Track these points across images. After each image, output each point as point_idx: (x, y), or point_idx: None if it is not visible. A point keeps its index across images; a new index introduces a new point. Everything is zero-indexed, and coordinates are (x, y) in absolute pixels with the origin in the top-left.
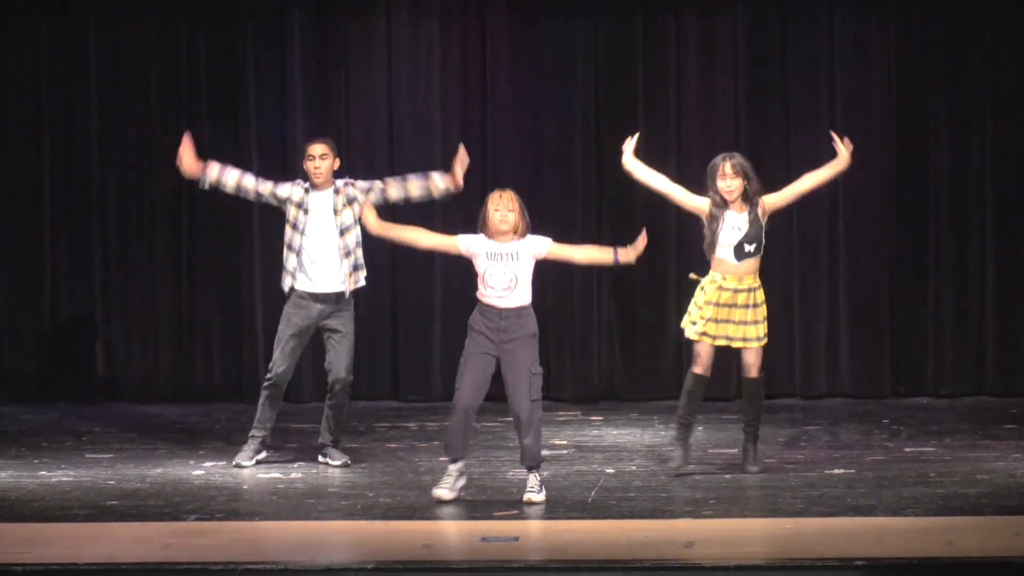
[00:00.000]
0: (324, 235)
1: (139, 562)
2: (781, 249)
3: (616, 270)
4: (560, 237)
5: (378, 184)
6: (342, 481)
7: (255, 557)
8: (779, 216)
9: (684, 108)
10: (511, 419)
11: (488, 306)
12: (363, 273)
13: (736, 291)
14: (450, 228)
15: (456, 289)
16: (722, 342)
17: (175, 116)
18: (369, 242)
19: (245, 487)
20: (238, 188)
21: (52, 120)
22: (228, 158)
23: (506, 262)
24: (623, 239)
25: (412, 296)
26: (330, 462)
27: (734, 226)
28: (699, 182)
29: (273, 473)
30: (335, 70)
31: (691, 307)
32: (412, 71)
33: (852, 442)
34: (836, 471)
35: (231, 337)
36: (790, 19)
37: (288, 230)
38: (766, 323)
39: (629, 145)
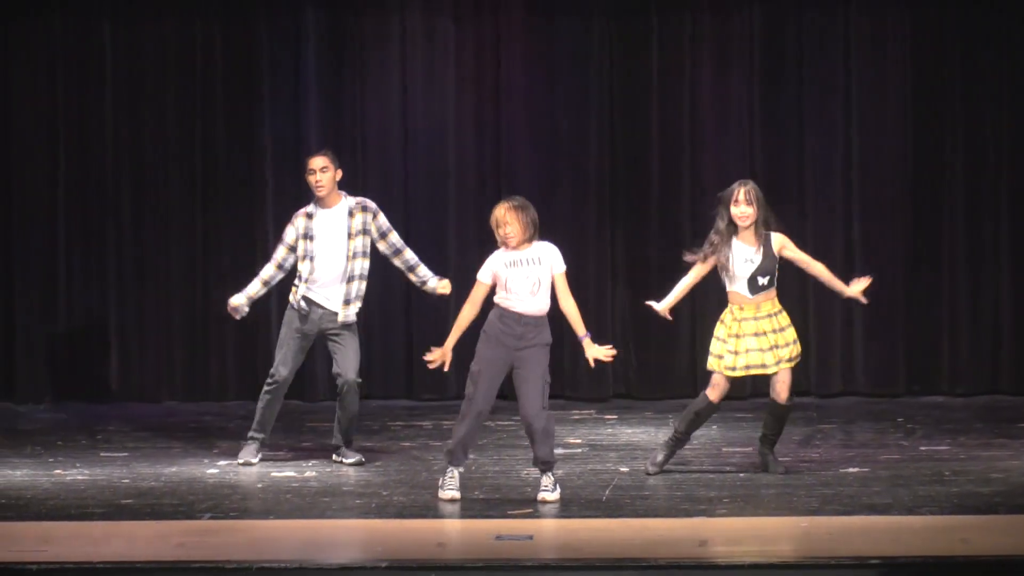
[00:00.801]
0: (333, 255)
1: (154, 560)
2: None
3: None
4: (574, 236)
5: (392, 238)
6: (356, 480)
7: (269, 556)
8: (793, 214)
9: (699, 106)
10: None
11: (508, 311)
12: (356, 307)
13: (756, 319)
14: (464, 232)
15: (470, 287)
16: (754, 371)
17: (190, 115)
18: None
19: (259, 486)
20: (270, 281)
21: (67, 119)
22: (242, 156)
23: (527, 267)
24: (636, 236)
25: (426, 295)
26: (344, 460)
27: (746, 259)
28: (711, 181)
29: (287, 472)
30: (349, 69)
31: (714, 343)
32: (426, 70)
33: (867, 441)
34: (851, 470)
35: (245, 336)
36: (805, 16)
37: (299, 263)
38: (797, 345)
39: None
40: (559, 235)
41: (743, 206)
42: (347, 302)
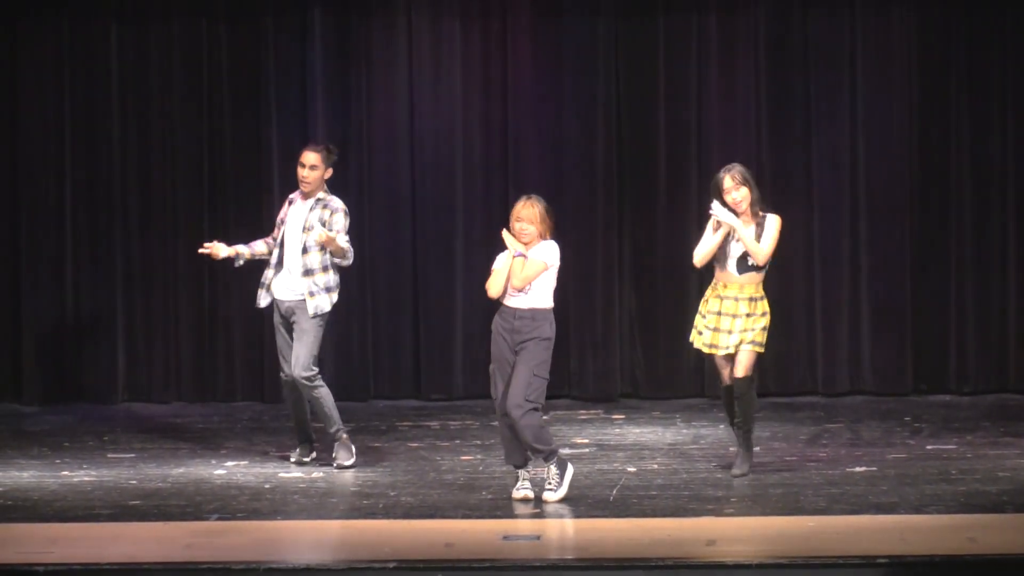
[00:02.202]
0: (292, 245)
1: (161, 562)
2: (802, 246)
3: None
4: (581, 236)
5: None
6: (364, 480)
7: (277, 556)
8: (801, 214)
9: (705, 106)
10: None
11: (504, 306)
12: (320, 299)
13: (737, 300)
14: (471, 232)
15: (478, 288)
16: (723, 351)
17: (196, 116)
18: (390, 237)
19: (267, 487)
20: (266, 249)
21: (74, 119)
22: (249, 156)
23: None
24: (643, 236)
25: (434, 295)
26: (303, 460)
27: (738, 239)
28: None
29: (294, 473)
30: (356, 69)
31: (696, 319)
32: (433, 70)
33: (874, 440)
34: (858, 469)
35: (253, 337)
36: (811, 17)
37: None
38: (764, 333)
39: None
40: (566, 235)
41: (734, 192)
42: (311, 294)
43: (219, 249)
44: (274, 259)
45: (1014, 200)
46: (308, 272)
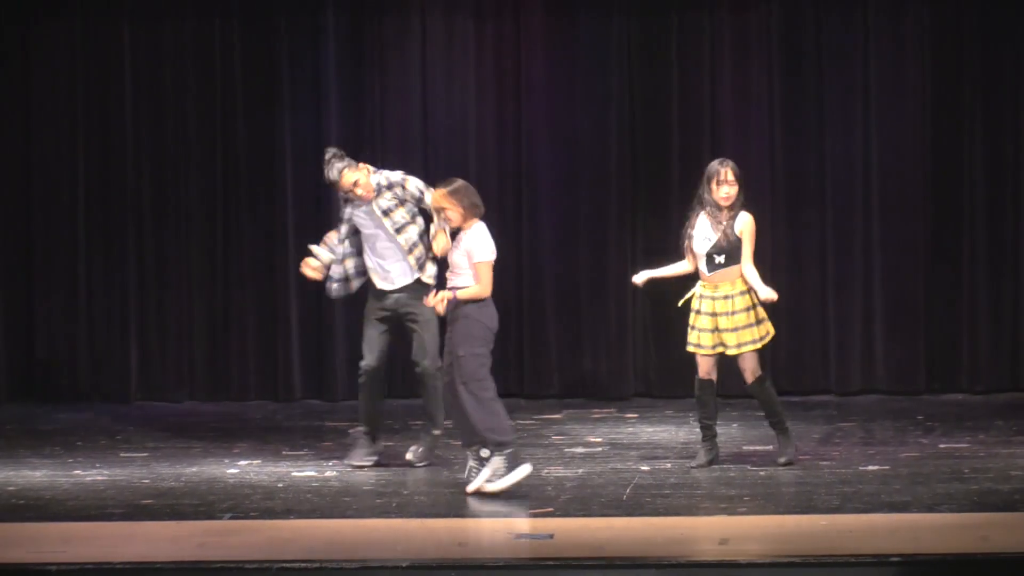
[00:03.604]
0: (378, 236)
1: (174, 561)
2: (815, 245)
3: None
4: (594, 234)
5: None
6: (376, 479)
7: (290, 555)
8: (813, 212)
9: (718, 105)
10: (548, 417)
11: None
12: (434, 265)
13: (713, 299)
14: (484, 222)
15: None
16: (717, 350)
17: (209, 115)
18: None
19: (280, 485)
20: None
21: (87, 119)
22: (263, 156)
23: (456, 249)
24: (658, 235)
25: None
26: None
27: (705, 236)
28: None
29: (307, 471)
30: (370, 68)
31: (690, 318)
32: (446, 69)
33: (887, 438)
34: (871, 468)
35: (266, 335)
36: (824, 14)
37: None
38: (754, 328)
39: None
40: (579, 233)
41: (727, 187)
42: (420, 267)
43: (311, 271)
44: (345, 249)
45: None
46: (411, 249)
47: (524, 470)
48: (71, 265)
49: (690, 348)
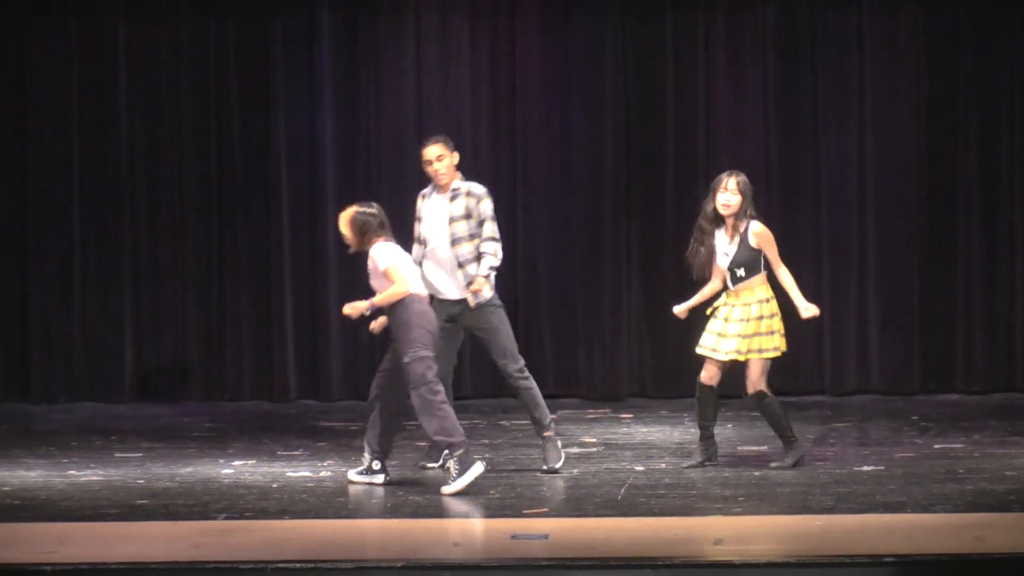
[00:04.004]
0: (439, 240)
1: (169, 561)
2: (810, 246)
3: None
4: (589, 235)
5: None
6: (371, 479)
7: (285, 556)
8: (807, 212)
9: (713, 105)
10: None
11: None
12: (488, 283)
13: (733, 306)
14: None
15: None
16: (729, 356)
17: (204, 115)
18: (398, 236)
19: (274, 486)
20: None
21: (82, 119)
22: (257, 156)
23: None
24: (652, 235)
25: None
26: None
27: (724, 252)
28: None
29: (302, 472)
30: (365, 68)
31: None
32: (441, 69)
33: (881, 439)
34: (865, 468)
35: (261, 335)
36: (818, 15)
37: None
38: (764, 338)
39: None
40: (574, 233)
41: (728, 195)
42: (469, 284)
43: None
44: (416, 255)
45: (1021, 199)
46: (462, 264)
47: (477, 469)
48: (66, 265)
49: (697, 349)
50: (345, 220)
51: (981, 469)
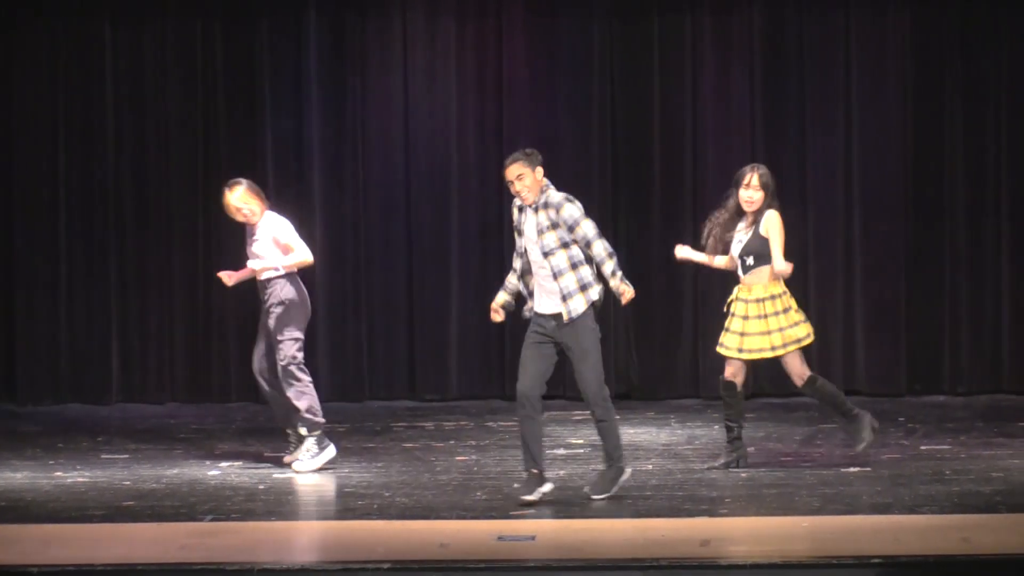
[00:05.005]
0: (534, 254)
1: (155, 563)
2: (796, 247)
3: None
4: None
5: (578, 231)
6: (358, 481)
7: (271, 557)
8: (794, 213)
9: (700, 107)
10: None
11: None
12: (574, 303)
13: (747, 302)
14: (466, 231)
15: (473, 288)
16: (752, 355)
17: (191, 116)
18: (385, 237)
19: (261, 487)
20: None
21: (68, 119)
22: (244, 157)
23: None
24: (638, 237)
25: (428, 295)
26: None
27: (738, 240)
28: (713, 181)
29: (289, 473)
30: (351, 69)
31: (725, 322)
32: (428, 70)
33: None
34: (852, 469)
35: (246, 337)
36: (806, 18)
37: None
38: (788, 331)
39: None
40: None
41: (751, 191)
42: (565, 298)
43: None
44: (520, 267)
45: (1008, 201)
46: (555, 276)
47: (331, 452)
48: (53, 265)
49: (718, 349)
50: (250, 193)
51: (967, 470)
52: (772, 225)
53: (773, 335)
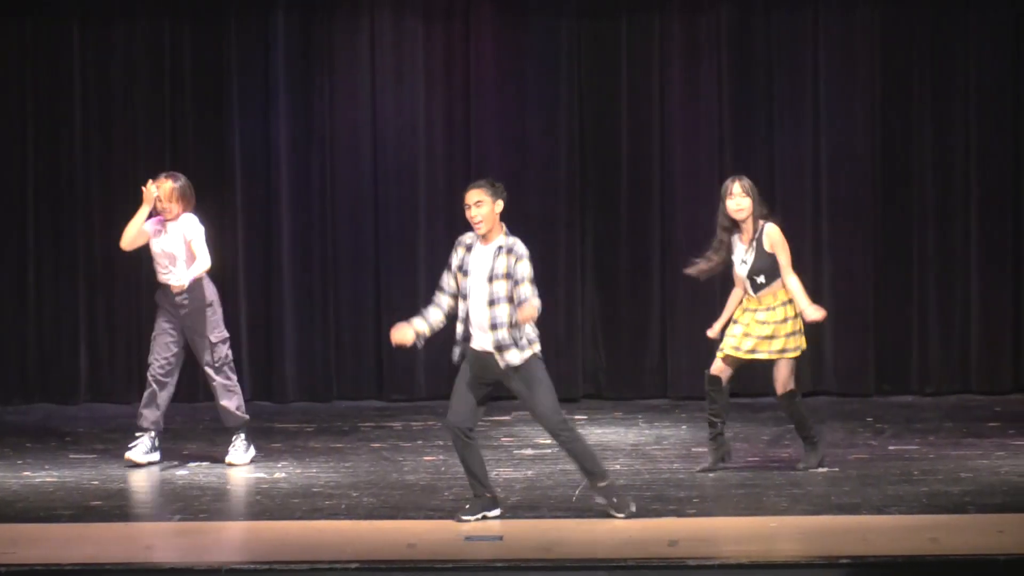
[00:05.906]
0: (478, 298)
1: (123, 563)
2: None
3: None
4: (544, 235)
5: (520, 290)
6: (326, 481)
7: (239, 557)
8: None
9: (668, 106)
10: (497, 419)
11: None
12: (510, 355)
13: (755, 310)
14: (433, 231)
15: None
16: (751, 355)
17: (159, 116)
18: (353, 236)
19: (229, 487)
20: (447, 316)
21: (36, 119)
22: (212, 157)
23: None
24: (606, 236)
25: (396, 295)
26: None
27: (742, 260)
28: (681, 180)
29: (257, 473)
30: (319, 69)
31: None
32: (396, 71)
33: (836, 440)
34: (820, 469)
35: None
36: (774, 17)
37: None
38: (792, 338)
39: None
40: (528, 233)
41: (738, 198)
42: (499, 349)
43: (405, 336)
44: (461, 312)
45: (977, 202)
46: (495, 326)
47: (253, 451)
48: (20, 265)
49: (726, 352)
50: (177, 194)
51: (936, 471)
52: (775, 240)
53: (776, 340)
